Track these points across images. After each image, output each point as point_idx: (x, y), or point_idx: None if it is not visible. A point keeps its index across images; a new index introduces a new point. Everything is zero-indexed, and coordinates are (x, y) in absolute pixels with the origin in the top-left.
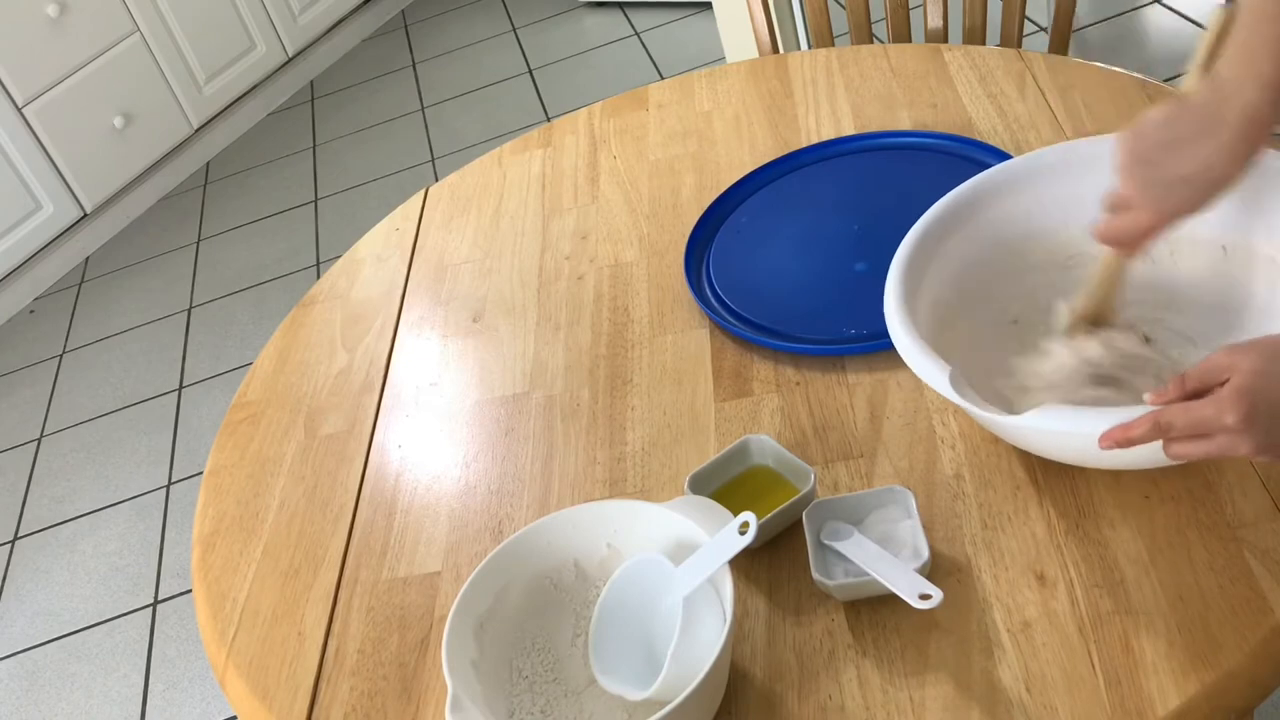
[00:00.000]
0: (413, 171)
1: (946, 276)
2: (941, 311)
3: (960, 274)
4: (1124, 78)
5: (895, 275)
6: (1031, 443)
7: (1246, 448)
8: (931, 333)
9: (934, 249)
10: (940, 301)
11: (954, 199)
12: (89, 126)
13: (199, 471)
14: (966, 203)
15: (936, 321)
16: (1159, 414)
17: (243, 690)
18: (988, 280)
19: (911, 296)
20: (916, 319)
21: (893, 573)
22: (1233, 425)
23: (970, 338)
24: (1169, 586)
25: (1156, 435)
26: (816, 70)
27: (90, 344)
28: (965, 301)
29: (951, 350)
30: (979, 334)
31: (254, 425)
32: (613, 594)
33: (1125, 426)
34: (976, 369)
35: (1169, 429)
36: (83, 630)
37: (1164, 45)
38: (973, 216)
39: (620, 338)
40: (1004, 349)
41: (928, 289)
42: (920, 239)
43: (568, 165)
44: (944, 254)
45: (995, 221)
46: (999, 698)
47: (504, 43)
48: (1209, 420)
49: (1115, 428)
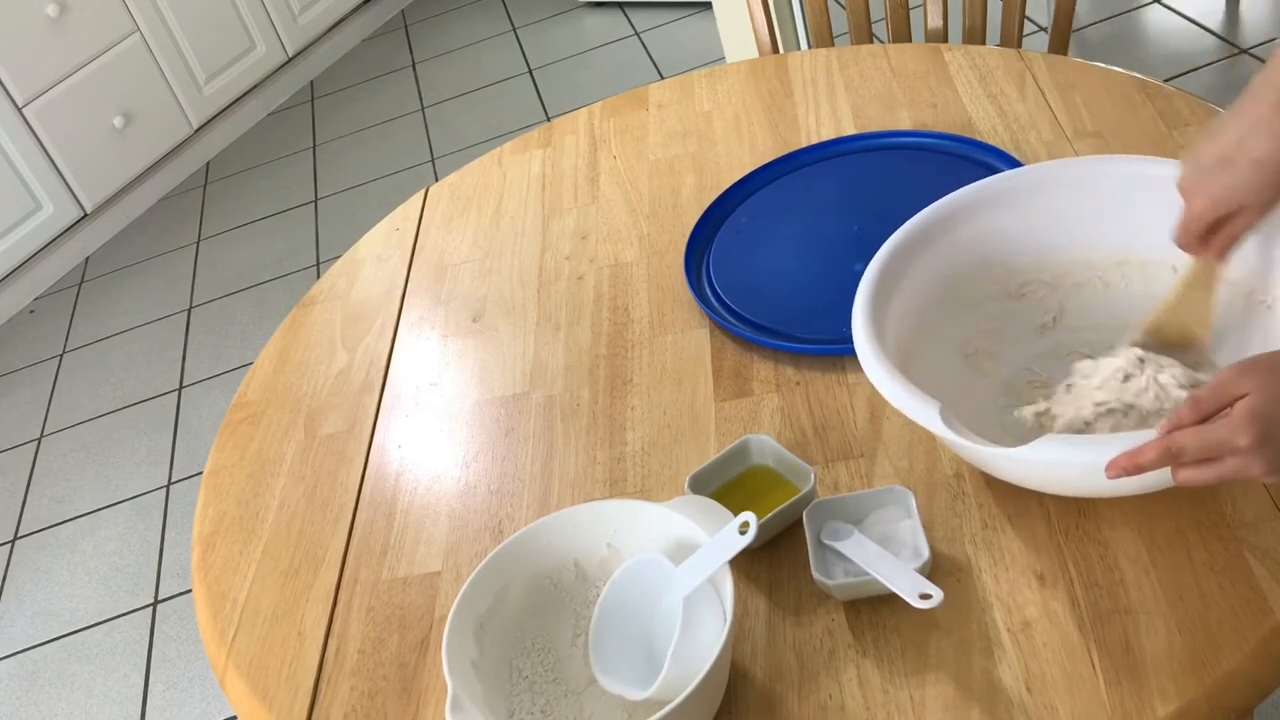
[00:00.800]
0: (413, 171)
1: (907, 311)
2: (905, 345)
3: (920, 308)
4: (1124, 78)
5: (861, 314)
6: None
7: (1258, 469)
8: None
9: (893, 284)
10: (900, 338)
11: (906, 233)
12: (89, 126)
13: (199, 471)
14: (919, 235)
15: (901, 355)
16: (1170, 439)
17: (243, 690)
18: (944, 313)
19: (879, 335)
20: (887, 354)
21: (893, 573)
22: (1245, 447)
23: (932, 371)
24: (1169, 586)
25: (1167, 461)
26: (816, 70)
27: (90, 344)
28: (924, 336)
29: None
30: (939, 366)
31: (254, 425)
32: (613, 594)
33: (1133, 453)
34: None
35: (1180, 454)
36: (83, 630)
37: (1164, 45)
38: (926, 247)
39: (620, 338)
40: (962, 381)
41: (892, 326)
42: (879, 275)
43: (568, 165)
44: (902, 289)
45: (948, 252)
46: (999, 698)
47: (504, 43)
48: (1222, 443)
49: (1122, 455)
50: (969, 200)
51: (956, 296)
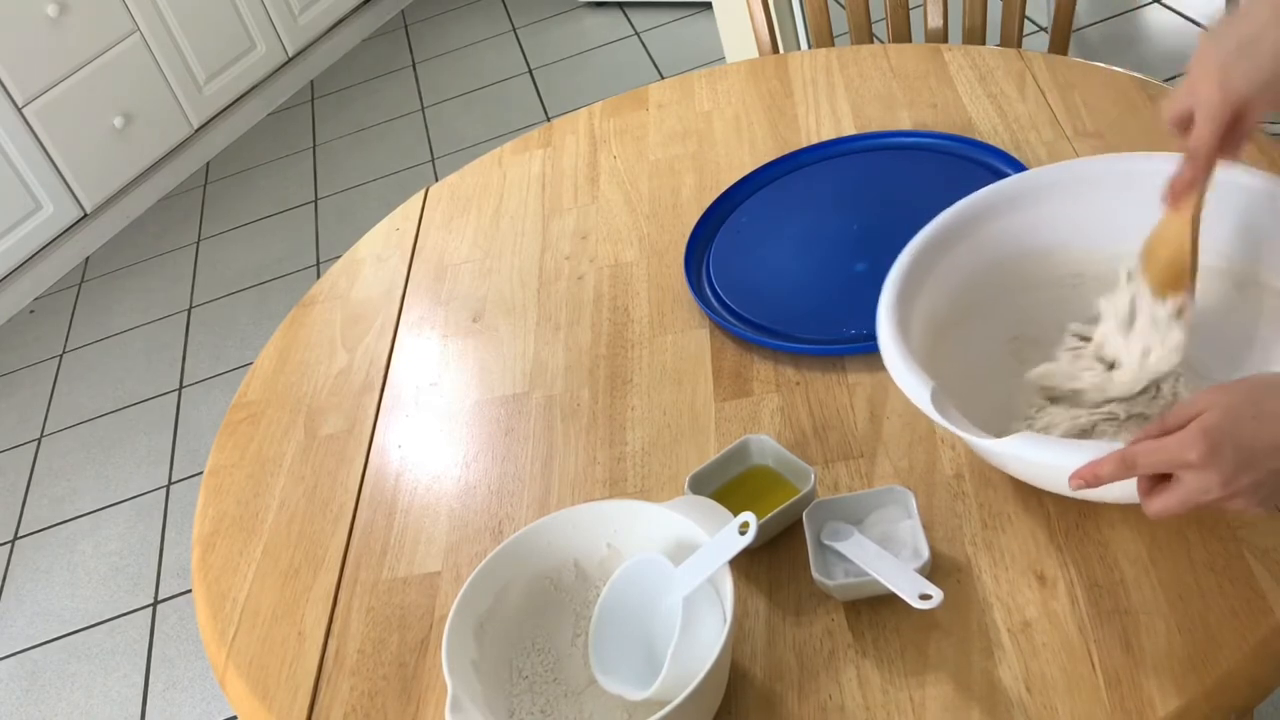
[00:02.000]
0: (413, 171)
1: (944, 291)
2: (938, 324)
3: (959, 289)
4: (1124, 78)
5: (891, 287)
6: (1012, 468)
7: (1215, 486)
8: (926, 346)
9: (933, 262)
10: (937, 315)
11: (956, 213)
12: (89, 126)
13: (199, 471)
14: (968, 217)
15: (932, 334)
16: (1125, 450)
17: (243, 690)
18: (987, 297)
19: (906, 309)
20: (910, 331)
21: (893, 573)
22: (1195, 461)
23: (965, 353)
24: (1169, 586)
25: (1123, 472)
26: (816, 70)
27: (90, 344)
28: (962, 316)
29: (945, 364)
30: (975, 350)
31: (254, 425)
32: (613, 594)
33: (1094, 464)
34: (969, 384)
35: (1134, 465)
36: (83, 630)
37: (1164, 45)
38: (975, 231)
39: (620, 338)
40: (999, 366)
41: (924, 302)
42: (919, 252)
43: (568, 165)
44: (943, 268)
45: (996, 238)
46: (999, 698)
47: (504, 43)
48: (1171, 456)
49: (1085, 466)
50: (1026, 186)
51: (1005, 280)
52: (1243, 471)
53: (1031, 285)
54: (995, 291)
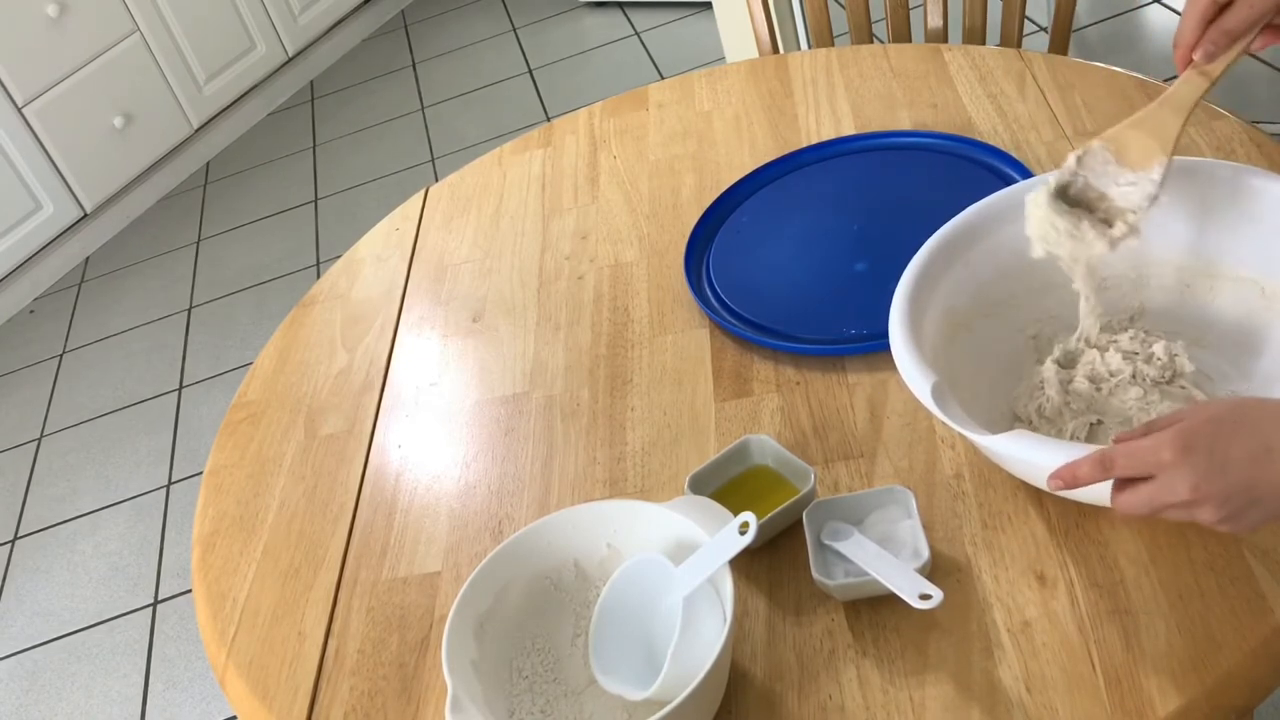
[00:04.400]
0: (413, 171)
1: (965, 287)
2: (957, 320)
3: (980, 285)
4: (1124, 78)
5: (908, 279)
6: (1009, 466)
7: (1185, 489)
8: (941, 340)
9: (953, 258)
10: (956, 310)
11: (977, 211)
12: (89, 126)
13: (199, 471)
14: (990, 216)
15: (949, 329)
16: (1104, 451)
17: (243, 690)
18: (1008, 294)
19: (922, 302)
20: (923, 326)
21: (893, 573)
22: (1168, 460)
23: (982, 349)
24: (1169, 586)
25: (1101, 474)
26: (816, 70)
27: (90, 344)
28: (983, 313)
29: (960, 359)
30: (994, 346)
31: (254, 425)
32: (613, 594)
33: (1073, 465)
34: (983, 380)
35: (1111, 466)
36: (83, 630)
37: (1164, 45)
38: (997, 230)
39: (620, 338)
40: (1017, 363)
41: (942, 297)
42: (939, 247)
43: (568, 165)
44: (964, 264)
45: (1019, 237)
46: (999, 698)
47: (504, 43)
48: (1146, 457)
49: (1064, 466)
50: None
51: (1028, 279)
52: (1214, 478)
53: (1053, 285)
54: (1017, 289)
